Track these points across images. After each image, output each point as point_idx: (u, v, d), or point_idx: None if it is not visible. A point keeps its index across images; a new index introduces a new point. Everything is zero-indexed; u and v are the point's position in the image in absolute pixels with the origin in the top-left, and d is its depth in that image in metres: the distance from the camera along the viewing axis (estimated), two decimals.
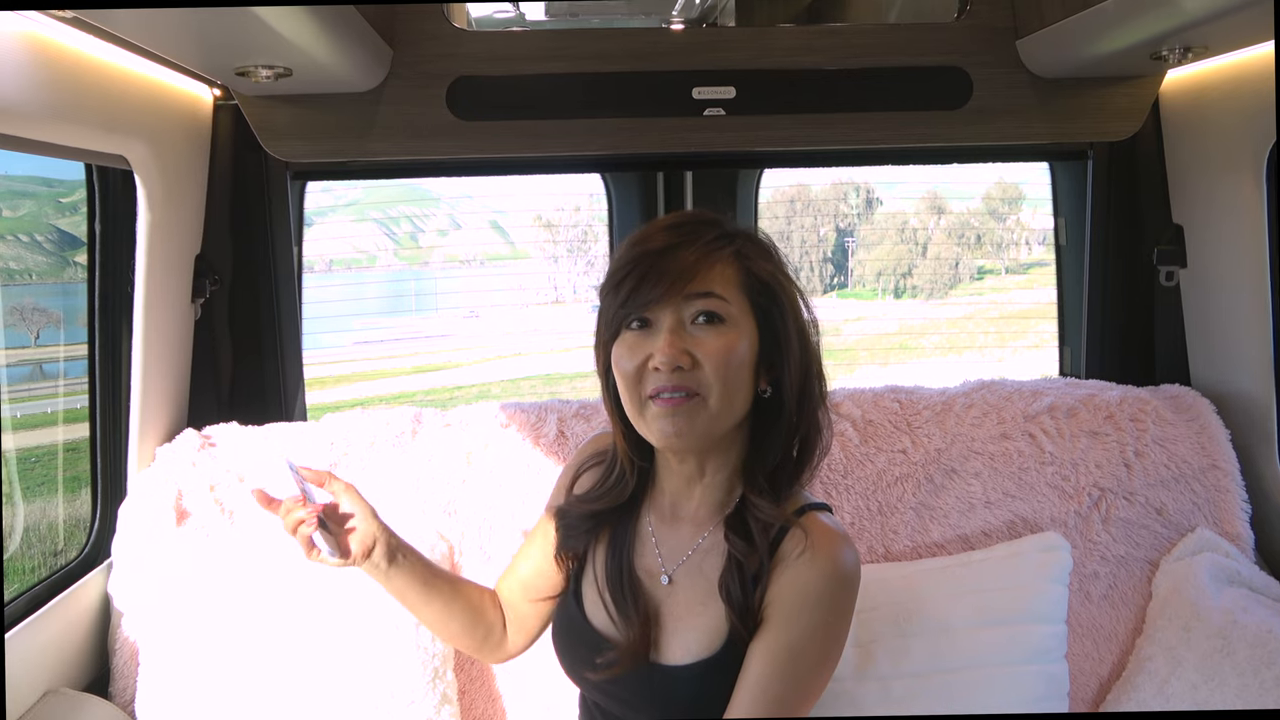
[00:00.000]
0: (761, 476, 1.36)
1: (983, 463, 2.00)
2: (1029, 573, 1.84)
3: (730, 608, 1.33)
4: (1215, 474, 2.01)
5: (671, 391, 1.29)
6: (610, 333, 1.34)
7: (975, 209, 6.45)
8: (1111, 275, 2.31)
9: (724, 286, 1.31)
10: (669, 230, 1.34)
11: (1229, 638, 1.76)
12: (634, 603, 1.38)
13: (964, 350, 6.19)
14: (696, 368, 1.29)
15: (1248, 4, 1.57)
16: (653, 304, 1.30)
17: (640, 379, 1.31)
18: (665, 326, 1.30)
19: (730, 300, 1.31)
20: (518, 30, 2.39)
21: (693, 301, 1.30)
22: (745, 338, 1.31)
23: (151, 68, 1.83)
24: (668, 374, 1.28)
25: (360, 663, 1.78)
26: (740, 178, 2.44)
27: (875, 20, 2.58)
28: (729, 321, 1.30)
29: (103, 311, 1.98)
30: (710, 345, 1.29)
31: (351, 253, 6.69)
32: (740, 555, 1.34)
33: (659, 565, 1.41)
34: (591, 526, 1.45)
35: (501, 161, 2.32)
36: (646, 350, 1.30)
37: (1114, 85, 2.10)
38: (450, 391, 6.33)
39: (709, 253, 1.31)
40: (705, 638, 1.35)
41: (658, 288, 1.29)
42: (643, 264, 1.30)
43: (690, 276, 1.29)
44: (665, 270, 1.29)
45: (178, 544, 1.90)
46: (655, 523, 1.43)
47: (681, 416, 1.29)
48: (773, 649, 1.30)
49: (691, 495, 1.41)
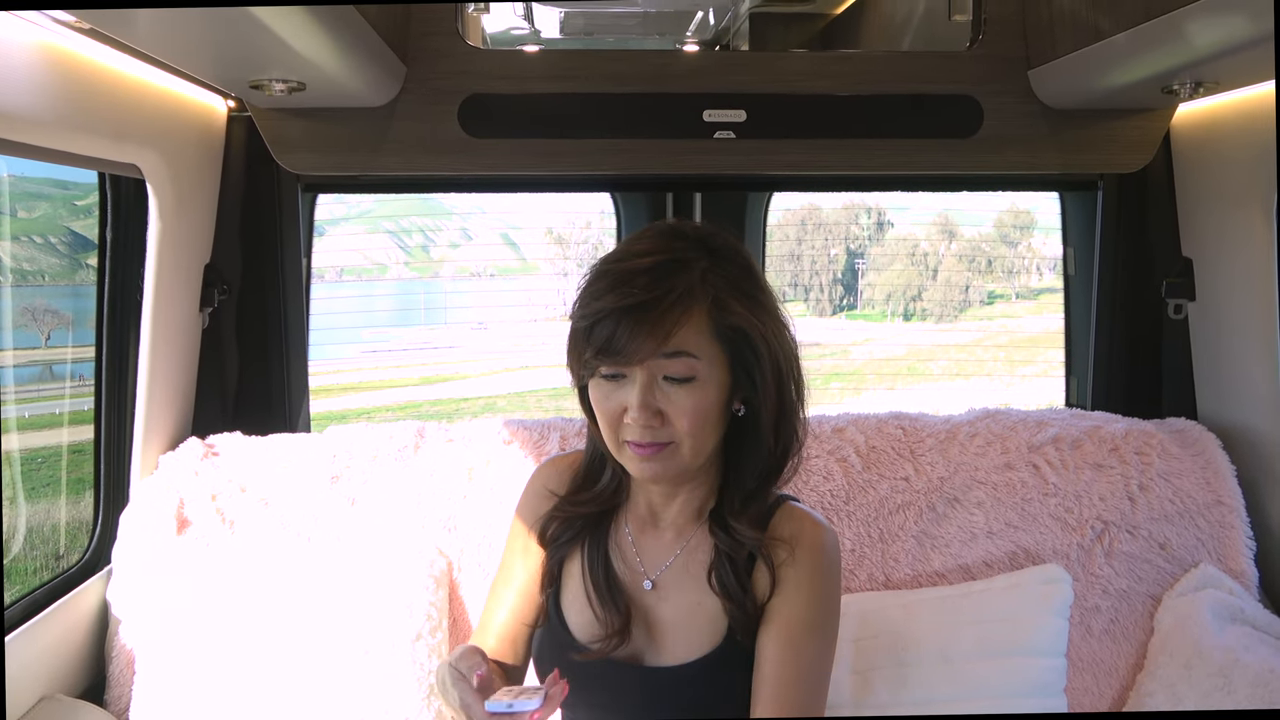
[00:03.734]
0: (739, 493, 1.39)
1: (985, 492, 1.99)
2: (1030, 605, 1.83)
3: (726, 598, 1.36)
4: (1220, 510, 2.00)
5: (646, 444, 1.31)
6: (585, 373, 1.34)
7: (987, 234, 6.45)
8: (1119, 306, 2.30)
9: (697, 342, 1.30)
10: (649, 275, 1.29)
11: (1230, 676, 1.74)
12: (617, 600, 1.39)
13: (971, 375, 6.18)
14: (668, 424, 1.31)
15: (1256, 42, 1.57)
16: (627, 363, 1.30)
17: (617, 424, 1.33)
18: (638, 384, 1.30)
19: (702, 356, 1.30)
20: (530, 50, 2.41)
21: (665, 364, 1.29)
22: (716, 388, 1.32)
23: (166, 78, 1.85)
24: (640, 430, 1.30)
25: (357, 678, 1.78)
26: (749, 200, 2.44)
27: (888, 48, 2.59)
28: (699, 379, 1.31)
29: (111, 318, 1.99)
30: (682, 404, 1.30)
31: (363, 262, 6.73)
32: (728, 549, 1.37)
33: (640, 570, 1.42)
34: (580, 529, 1.44)
35: (511, 179, 2.34)
36: (620, 400, 1.31)
37: (1125, 117, 2.10)
38: (457, 403, 6.34)
39: (686, 308, 1.29)
40: (702, 636, 1.37)
41: (632, 344, 1.28)
42: (609, 322, 1.28)
43: (665, 336, 1.28)
44: (635, 330, 1.28)
45: (178, 552, 1.90)
46: (634, 530, 1.44)
47: (657, 462, 1.32)
48: (774, 633, 1.34)
49: (671, 505, 1.43)
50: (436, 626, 1.84)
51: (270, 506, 1.96)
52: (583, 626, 1.42)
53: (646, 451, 1.32)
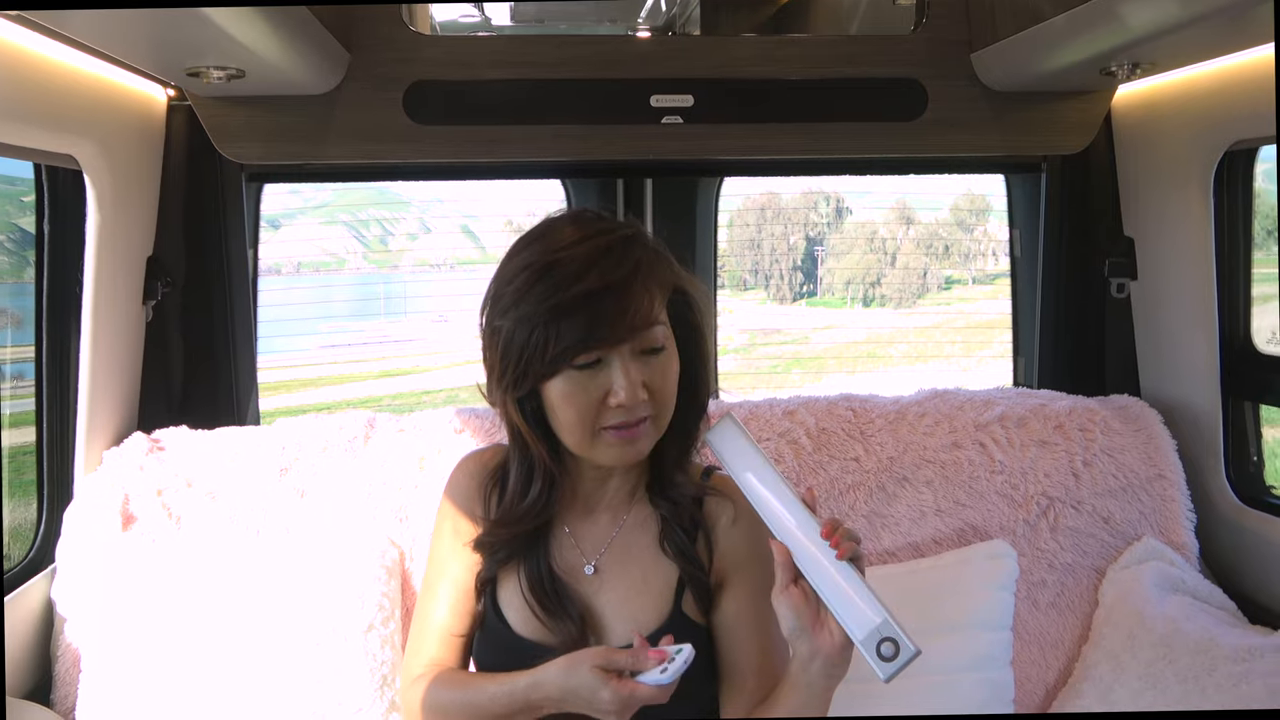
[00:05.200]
0: (671, 458, 1.40)
1: (934, 471, 2.01)
2: (976, 580, 1.86)
3: (684, 562, 1.37)
4: (1161, 484, 2.04)
5: (632, 424, 1.30)
6: (548, 370, 1.29)
7: (943, 219, 6.51)
8: (1064, 287, 2.33)
9: (661, 311, 1.32)
10: (597, 260, 1.28)
11: (1172, 645, 1.78)
12: (560, 600, 1.38)
13: (930, 359, 6.24)
14: (650, 397, 1.31)
15: (1192, 22, 1.60)
16: (611, 344, 1.28)
17: (596, 414, 1.30)
18: (619, 366, 1.28)
19: (666, 323, 1.33)
20: (477, 36, 2.39)
21: (644, 336, 1.29)
22: (674, 356, 1.34)
23: (102, 67, 1.81)
24: (627, 411, 1.29)
25: (307, 670, 1.77)
26: (700, 185, 2.44)
27: (836, 32, 2.60)
28: (667, 348, 1.32)
29: (51, 312, 1.95)
30: (659, 375, 1.31)
31: (320, 255, 6.65)
32: (671, 516, 1.39)
33: (580, 559, 1.41)
34: (517, 547, 1.42)
35: (459, 166, 2.32)
36: (600, 389, 1.28)
37: (1066, 99, 2.13)
38: (418, 396, 6.29)
39: (646, 284, 1.29)
40: (648, 613, 1.37)
41: (613, 331, 1.27)
42: (588, 305, 1.26)
43: (641, 316, 1.28)
44: (615, 312, 1.27)
45: (123, 549, 1.87)
46: (569, 521, 1.43)
47: (640, 442, 1.32)
48: (745, 599, 1.36)
49: (604, 489, 1.42)
50: (389, 617, 1.83)
51: (218, 501, 1.94)
52: (525, 622, 1.39)
53: (630, 433, 1.30)
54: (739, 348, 6.37)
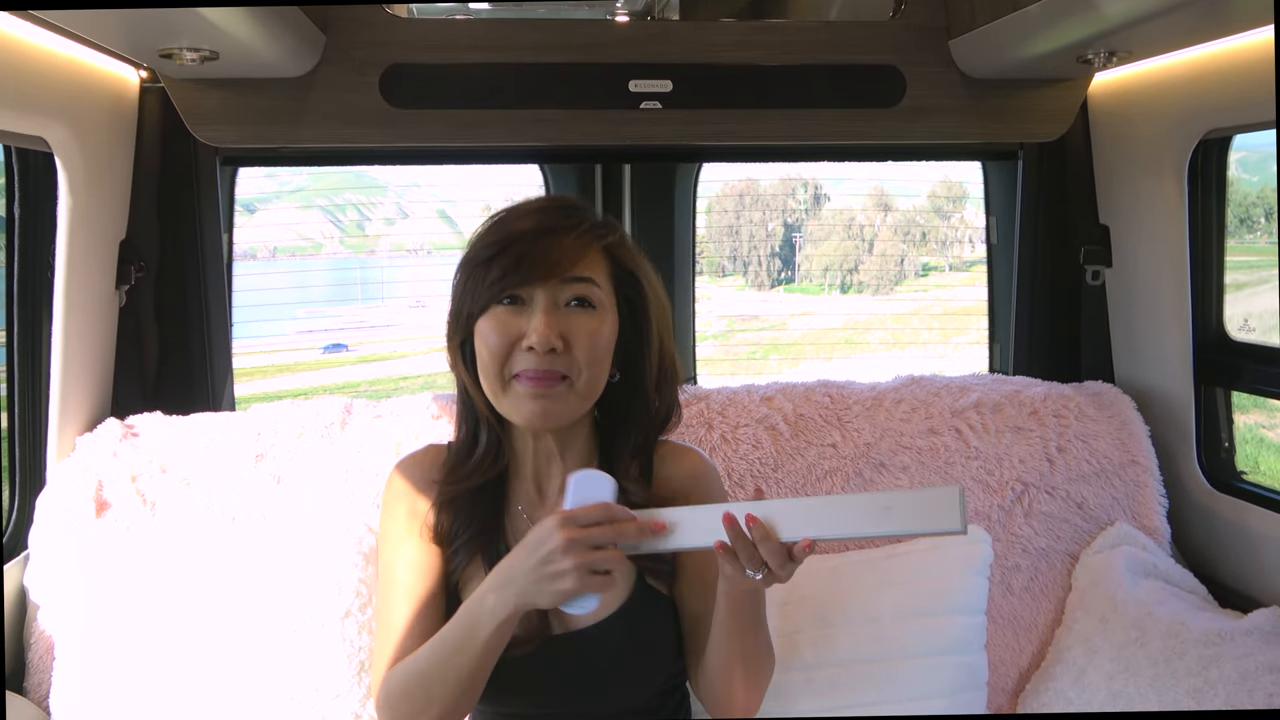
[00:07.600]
0: (624, 451, 1.43)
1: (911, 457, 2.03)
2: (951, 565, 1.87)
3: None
4: (1135, 469, 2.06)
5: (542, 374, 1.31)
6: (478, 306, 1.34)
7: (921, 206, 6.53)
8: (1040, 274, 2.35)
9: (597, 274, 1.35)
10: (544, 213, 1.37)
11: (1144, 629, 1.81)
12: None
13: (908, 345, 6.27)
14: (568, 350, 1.32)
15: (1168, 10, 1.61)
16: (530, 283, 1.32)
17: (508, 357, 1.32)
18: (540, 307, 1.32)
19: (601, 288, 1.36)
20: (454, 19, 2.37)
21: (569, 285, 1.33)
22: (610, 325, 1.36)
23: (73, 48, 1.78)
24: (540, 355, 1.30)
25: (284, 656, 1.76)
26: (679, 171, 2.44)
27: (815, 17, 2.60)
28: (599, 309, 1.35)
29: (23, 296, 1.92)
30: (582, 329, 1.32)
31: (296, 240, 6.58)
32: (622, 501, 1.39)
33: None
34: (474, 503, 1.42)
35: (435, 151, 2.31)
36: (518, 328, 1.32)
37: (1042, 87, 2.14)
38: (395, 382, 6.26)
39: (586, 242, 1.35)
40: (613, 589, 1.33)
41: (538, 268, 1.32)
42: (521, 243, 1.32)
43: (569, 262, 1.33)
44: (544, 252, 1.32)
45: (97, 536, 1.86)
46: (525, 506, 1.45)
47: (550, 399, 1.32)
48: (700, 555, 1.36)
49: (554, 472, 1.43)
50: (366, 603, 1.82)
51: (192, 487, 1.92)
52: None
53: (541, 384, 1.31)
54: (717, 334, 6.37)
